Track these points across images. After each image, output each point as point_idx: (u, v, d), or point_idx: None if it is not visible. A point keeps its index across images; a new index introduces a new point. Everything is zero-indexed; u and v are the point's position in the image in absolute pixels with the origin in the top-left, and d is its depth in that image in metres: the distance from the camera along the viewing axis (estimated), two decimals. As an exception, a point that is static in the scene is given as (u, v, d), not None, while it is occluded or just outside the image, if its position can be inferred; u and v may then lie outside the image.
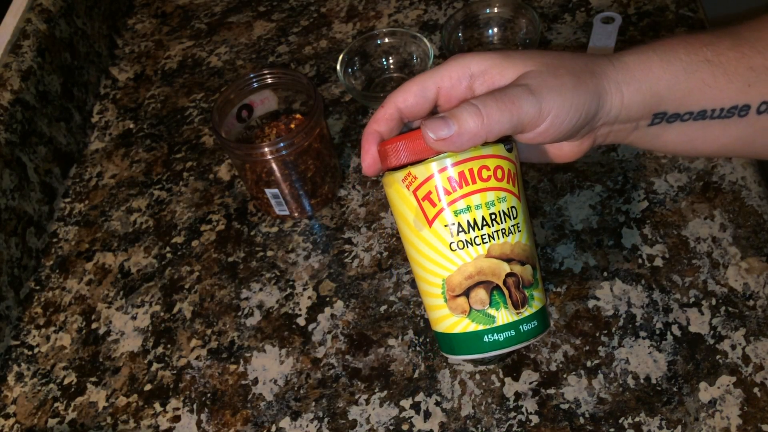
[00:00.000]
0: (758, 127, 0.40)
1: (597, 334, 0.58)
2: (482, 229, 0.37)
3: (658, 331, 0.57)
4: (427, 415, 0.56)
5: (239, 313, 0.65)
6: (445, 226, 0.38)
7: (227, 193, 0.75)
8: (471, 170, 0.37)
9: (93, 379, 0.64)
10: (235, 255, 0.70)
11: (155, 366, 0.64)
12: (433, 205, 0.38)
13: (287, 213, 0.70)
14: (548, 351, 0.58)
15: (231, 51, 0.90)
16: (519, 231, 0.39)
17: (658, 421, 0.53)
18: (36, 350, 0.67)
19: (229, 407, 0.60)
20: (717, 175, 0.66)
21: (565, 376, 0.56)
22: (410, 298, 0.63)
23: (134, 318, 0.67)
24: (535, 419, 0.55)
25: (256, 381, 0.61)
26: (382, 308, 0.63)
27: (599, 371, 0.56)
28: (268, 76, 0.69)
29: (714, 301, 0.58)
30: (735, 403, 0.53)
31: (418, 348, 0.60)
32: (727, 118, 0.40)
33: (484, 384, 0.57)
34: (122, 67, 0.92)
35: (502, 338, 0.38)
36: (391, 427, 0.56)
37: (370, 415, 0.57)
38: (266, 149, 0.63)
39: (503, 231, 0.38)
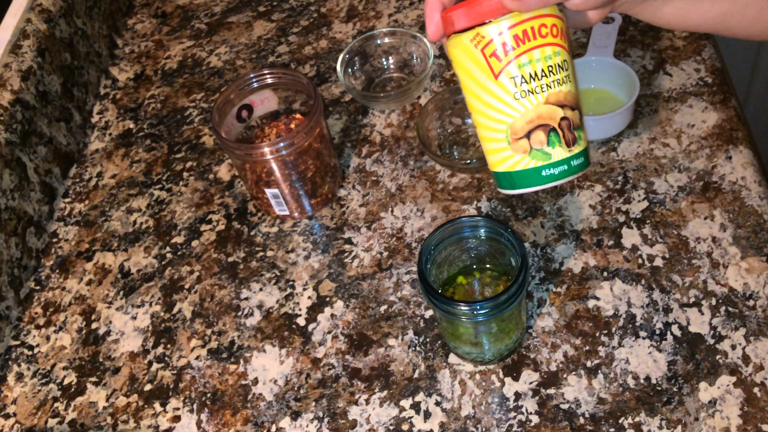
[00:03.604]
0: (740, 3, 0.47)
1: (597, 334, 0.58)
2: (541, 79, 0.43)
3: (658, 331, 0.57)
4: (427, 415, 0.56)
5: (239, 313, 0.65)
6: (510, 78, 0.43)
7: (227, 193, 0.75)
8: (532, 28, 0.42)
9: (93, 379, 0.64)
10: (235, 255, 0.70)
11: (155, 366, 0.64)
12: (499, 60, 0.43)
13: (287, 213, 0.70)
14: (548, 351, 0.58)
15: (231, 51, 0.90)
16: (570, 81, 0.44)
17: (658, 421, 0.53)
18: (36, 350, 0.67)
19: (229, 407, 0.60)
20: (717, 175, 0.66)
21: (565, 376, 0.56)
22: (410, 298, 0.63)
23: (134, 318, 0.67)
24: (535, 419, 0.55)
25: (256, 381, 0.61)
26: (382, 308, 0.63)
27: (599, 371, 0.56)
28: (268, 76, 0.69)
29: (714, 301, 0.58)
30: (735, 403, 0.53)
31: (418, 348, 0.60)
32: None
33: (484, 384, 0.57)
34: (122, 67, 0.92)
35: (557, 172, 0.44)
36: (391, 427, 0.56)
37: (370, 415, 0.57)
38: (266, 149, 0.63)
39: (558, 81, 0.44)
